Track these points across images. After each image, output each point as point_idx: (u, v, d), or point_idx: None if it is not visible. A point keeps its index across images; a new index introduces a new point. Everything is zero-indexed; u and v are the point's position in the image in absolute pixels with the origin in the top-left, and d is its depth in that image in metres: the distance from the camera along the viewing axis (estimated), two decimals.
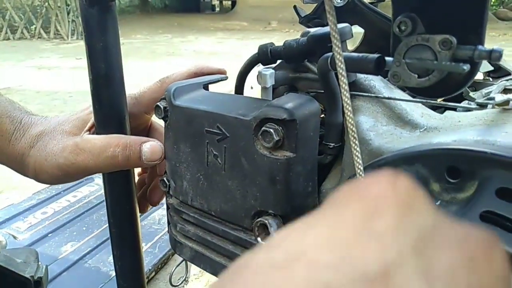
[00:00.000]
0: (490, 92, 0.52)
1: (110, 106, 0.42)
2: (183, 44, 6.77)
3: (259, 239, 0.34)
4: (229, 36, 7.86)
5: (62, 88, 3.62)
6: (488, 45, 0.26)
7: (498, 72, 0.71)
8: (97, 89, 0.42)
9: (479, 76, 0.74)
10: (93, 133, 0.44)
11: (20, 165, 0.45)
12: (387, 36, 0.58)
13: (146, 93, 0.47)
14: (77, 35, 7.78)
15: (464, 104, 0.35)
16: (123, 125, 0.44)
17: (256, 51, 0.43)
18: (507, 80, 0.66)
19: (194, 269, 0.91)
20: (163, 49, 6.13)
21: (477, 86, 0.66)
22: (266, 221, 0.33)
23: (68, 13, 7.83)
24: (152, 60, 4.96)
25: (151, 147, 0.42)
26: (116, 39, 0.41)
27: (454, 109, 0.43)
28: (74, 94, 3.42)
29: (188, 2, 11.78)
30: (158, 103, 0.41)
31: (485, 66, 0.69)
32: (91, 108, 0.44)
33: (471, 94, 0.52)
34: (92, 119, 0.44)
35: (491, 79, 0.71)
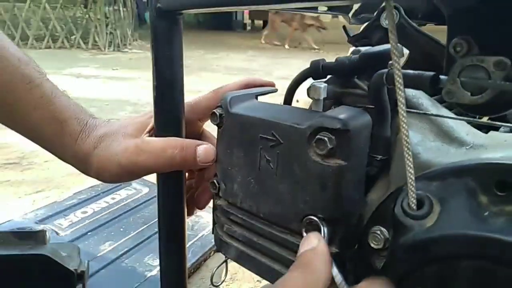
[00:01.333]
0: None
1: (170, 111, 0.46)
2: (215, 60, 6.92)
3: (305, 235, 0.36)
4: (260, 54, 7.98)
5: (99, 96, 3.77)
6: None
7: None
8: (160, 95, 0.45)
9: None
10: (152, 136, 0.48)
11: (84, 164, 0.48)
12: (431, 57, 0.60)
13: (201, 101, 0.51)
14: (113, 46, 8.08)
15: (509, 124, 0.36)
16: (180, 129, 0.47)
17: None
18: None
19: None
20: (196, 64, 6.28)
21: None
22: (317, 220, 0.35)
23: (107, 26, 8.16)
24: (186, 74, 5.09)
25: (205, 149, 0.45)
26: (180, 50, 0.45)
27: (497, 129, 0.45)
28: (110, 103, 3.55)
29: (221, 20, 12.08)
30: (214, 110, 0.44)
31: None
32: (150, 113, 0.48)
33: None
34: (151, 123, 0.48)
35: None
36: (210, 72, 5.61)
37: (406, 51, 0.56)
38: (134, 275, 0.76)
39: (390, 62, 0.31)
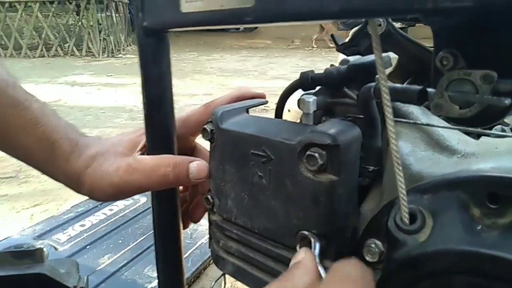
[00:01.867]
0: None
1: (160, 128, 0.46)
2: (209, 62, 6.91)
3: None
4: (253, 54, 7.99)
5: (95, 104, 3.76)
6: None
7: None
8: (150, 113, 0.45)
9: None
10: (143, 154, 0.47)
11: (76, 183, 0.48)
12: (418, 61, 0.60)
13: (192, 116, 0.50)
14: (107, 53, 8.08)
15: (501, 132, 0.36)
16: (172, 146, 0.47)
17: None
18: None
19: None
20: (190, 66, 6.28)
21: None
22: (309, 235, 0.35)
23: (100, 32, 8.15)
24: (181, 78, 5.09)
25: (197, 166, 0.45)
26: (168, 67, 0.45)
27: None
28: (106, 110, 3.54)
29: None
30: (205, 126, 0.44)
31: None
32: (142, 130, 0.48)
33: (506, 120, 0.53)
34: (143, 141, 0.47)
35: None
36: (204, 75, 5.61)
37: (394, 56, 0.56)
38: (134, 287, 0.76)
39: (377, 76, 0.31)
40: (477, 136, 0.42)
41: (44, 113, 0.48)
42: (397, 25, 0.63)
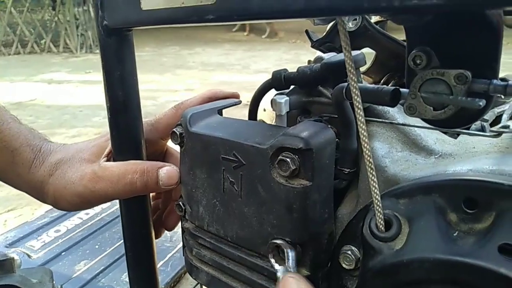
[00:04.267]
0: (503, 112, 0.52)
1: (127, 132, 0.43)
2: (191, 56, 6.83)
3: (272, 261, 0.34)
4: (236, 47, 7.92)
5: (72, 103, 3.67)
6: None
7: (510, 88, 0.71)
8: (115, 116, 0.43)
9: None
10: (110, 160, 0.45)
11: (40, 193, 0.46)
12: (396, 57, 0.59)
13: (162, 119, 0.48)
14: (85, 48, 7.90)
15: (479, 131, 0.35)
16: (140, 151, 0.44)
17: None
18: None
19: None
20: (171, 61, 6.19)
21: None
22: (282, 244, 0.34)
23: (77, 27, 7.96)
24: (161, 73, 5.01)
25: (167, 172, 0.43)
26: (133, 68, 0.42)
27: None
28: (83, 109, 3.47)
29: None
30: (174, 129, 0.42)
31: None
32: (108, 135, 0.45)
33: (485, 123, 0.52)
34: (109, 146, 0.45)
35: (502, 96, 0.71)
36: (186, 69, 5.53)
37: (371, 51, 0.55)
38: None
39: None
40: (456, 134, 0.41)
41: (3, 120, 0.45)
42: (375, 18, 0.62)
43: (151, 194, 0.55)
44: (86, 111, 3.37)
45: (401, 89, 0.31)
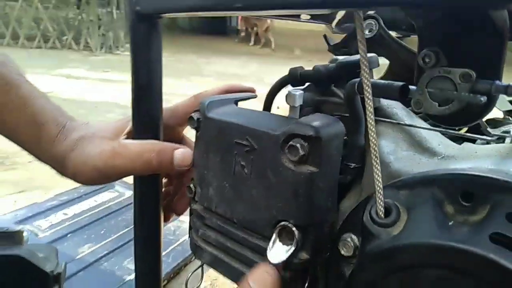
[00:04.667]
0: (509, 130, 0.54)
1: (147, 114, 0.46)
2: (207, 65, 6.92)
3: (276, 240, 0.36)
4: (253, 60, 8.01)
5: (89, 98, 3.74)
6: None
7: None
8: (138, 98, 0.45)
9: (499, 115, 0.75)
10: (129, 139, 0.47)
11: (61, 166, 0.48)
12: (410, 69, 0.61)
13: (181, 106, 0.51)
14: (105, 48, 8.05)
15: (482, 136, 0.37)
16: (158, 133, 0.47)
17: (278, 76, 0.47)
18: None
19: (203, 282, 0.92)
20: (187, 68, 6.28)
21: (496, 124, 0.68)
22: (290, 225, 0.35)
23: (99, 27, 8.13)
24: (177, 78, 5.09)
25: (182, 153, 0.45)
26: (159, 54, 0.45)
27: (472, 142, 0.45)
28: (99, 105, 3.53)
29: (215, 25, 12.10)
30: (192, 114, 0.44)
31: (505, 105, 0.71)
32: (129, 117, 0.48)
33: (489, 130, 0.54)
34: (129, 126, 0.47)
35: (510, 118, 0.73)
36: (202, 77, 5.61)
37: (385, 62, 0.57)
38: (112, 278, 0.75)
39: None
40: (460, 143, 0.43)
41: (33, 95, 0.48)
42: (393, 34, 0.64)
43: (163, 181, 0.57)
44: (102, 107, 3.43)
45: (410, 86, 0.33)
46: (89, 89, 4.23)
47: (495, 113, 0.73)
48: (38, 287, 0.68)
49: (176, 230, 0.95)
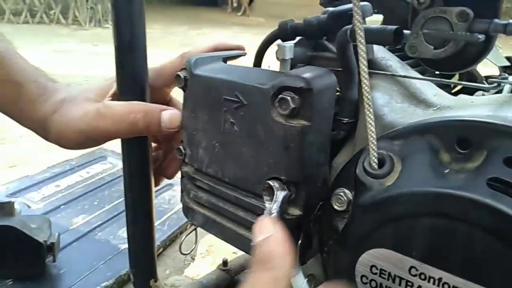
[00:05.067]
0: (507, 77, 0.53)
1: (132, 73, 0.44)
2: (199, 37, 6.79)
3: (267, 199, 0.35)
4: (245, 31, 7.86)
5: (79, 73, 3.67)
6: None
7: None
8: (121, 56, 0.43)
9: (495, 71, 0.74)
10: (114, 100, 0.46)
11: (43, 129, 0.46)
12: (405, 23, 0.59)
13: (167, 66, 0.49)
14: (94, 22, 7.85)
15: (478, 85, 0.36)
16: (144, 93, 0.45)
17: (272, 46, 0.45)
18: None
19: (200, 247, 0.93)
20: (179, 40, 6.16)
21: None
22: (273, 184, 0.34)
23: (87, 0, 7.90)
24: (169, 50, 4.99)
25: (170, 114, 0.43)
26: (141, 9, 0.43)
27: (469, 94, 0.44)
28: (90, 79, 3.46)
29: None
30: (178, 73, 0.42)
31: (502, 61, 0.69)
32: (114, 79, 0.46)
33: (485, 82, 0.52)
34: (114, 87, 0.46)
35: (507, 75, 0.71)
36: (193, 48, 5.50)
37: (379, 17, 0.55)
38: (107, 248, 0.75)
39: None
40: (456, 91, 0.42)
41: (11, 54, 0.46)
42: None
43: (152, 145, 0.56)
44: (92, 81, 3.37)
45: (404, 31, 0.31)
46: (79, 64, 4.14)
47: (492, 70, 0.72)
48: (32, 256, 0.67)
49: (171, 199, 0.95)
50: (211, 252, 0.90)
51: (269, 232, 0.29)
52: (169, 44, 5.65)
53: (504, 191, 0.25)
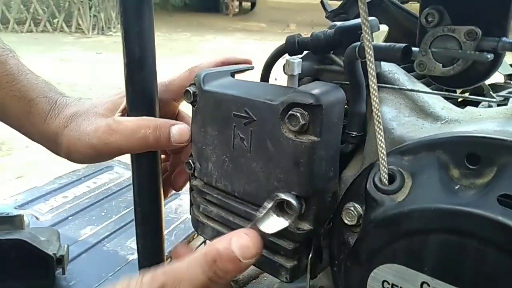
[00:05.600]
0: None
1: (142, 89, 0.44)
2: (201, 43, 6.83)
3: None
4: (247, 36, 7.89)
5: (82, 81, 3.70)
6: None
7: None
8: (131, 73, 0.44)
9: (500, 79, 0.74)
10: (124, 115, 0.46)
11: (54, 144, 0.47)
12: (411, 35, 0.59)
13: (176, 80, 0.49)
14: (97, 30, 7.91)
15: (485, 98, 0.36)
16: (153, 108, 0.46)
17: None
18: None
19: None
20: (181, 47, 6.19)
21: (497, 89, 0.67)
22: (286, 197, 0.34)
23: (90, 8, 7.96)
24: (171, 57, 5.02)
25: (179, 129, 0.44)
26: (150, 25, 0.43)
27: (475, 105, 0.44)
28: (93, 87, 3.49)
29: (208, 2, 11.87)
30: (188, 88, 0.43)
31: (507, 69, 0.70)
32: (123, 93, 0.47)
33: (492, 93, 0.53)
34: (124, 102, 0.46)
35: (511, 82, 0.72)
36: (196, 55, 5.53)
37: (385, 28, 0.55)
38: (115, 259, 0.75)
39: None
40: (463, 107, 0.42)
41: (21, 70, 0.47)
42: None
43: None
44: (96, 89, 3.39)
45: (413, 48, 0.31)
46: (83, 72, 4.17)
47: (496, 77, 0.72)
48: (41, 270, 0.68)
49: (178, 208, 0.95)
50: None
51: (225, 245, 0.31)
52: (171, 51, 5.68)
53: None
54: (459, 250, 0.27)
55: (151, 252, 0.51)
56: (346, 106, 0.41)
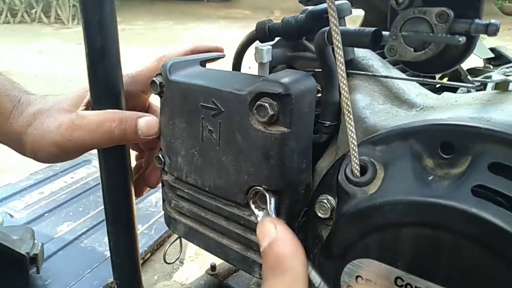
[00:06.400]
0: (490, 76, 0.52)
1: (105, 81, 0.42)
2: (184, 32, 6.72)
3: (253, 206, 0.34)
4: (231, 24, 7.79)
5: (62, 73, 3.61)
6: (495, 40, 0.26)
7: (499, 60, 0.70)
8: (93, 63, 0.41)
9: (479, 63, 0.73)
10: (89, 110, 0.44)
11: (18, 144, 0.45)
12: (386, 20, 0.58)
13: (143, 71, 0.47)
14: (77, 20, 7.71)
15: (462, 83, 0.35)
16: (119, 101, 0.43)
17: None
18: (507, 67, 0.66)
19: (189, 250, 0.91)
20: (164, 36, 6.09)
21: (477, 73, 0.66)
22: (262, 190, 0.33)
23: None
24: (154, 46, 4.93)
25: (147, 121, 0.42)
26: (112, 13, 0.41)
27: (454, 91, 0.43)
28: (73, 79, 3.41)
29: None
30: (154, 78, 0.41)
31: (486, 53, 0.69)
32: (88, 87, 0.44)
33: (470, 78, 0.52)
34: (88, 96, 0.44)
35: (491, 66, 0.71)
36: (180, 44, 5.44)
37: (360, 12, 0.54)
38: (93, 255, 0.74)
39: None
40: (440, 90, 0.41)
41: None
42: None
43: (134, 154, 0.54)
44: (76, 81, 3.31)
45: (383, 32, 0.30)
46: (62, 64, 4.07)
47: (476, 62, 0.71)
48: (14, 270, 0.65)
49: (158, 202, 0.93)
50: (200, 255, 0.88)
51: (272, 234, 0.28)
52: (153, 40, 5.58)
53: (490, 198, 0.24)
54: (433, 244, 0.26)
55: (124, 250, 0.49)
56: (319, 95, 0.39)
